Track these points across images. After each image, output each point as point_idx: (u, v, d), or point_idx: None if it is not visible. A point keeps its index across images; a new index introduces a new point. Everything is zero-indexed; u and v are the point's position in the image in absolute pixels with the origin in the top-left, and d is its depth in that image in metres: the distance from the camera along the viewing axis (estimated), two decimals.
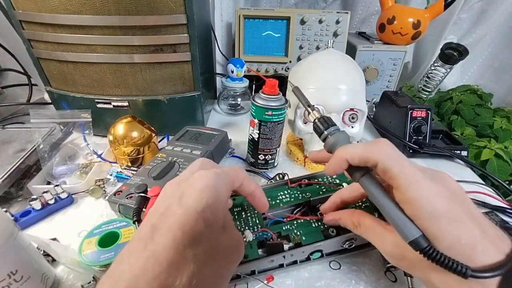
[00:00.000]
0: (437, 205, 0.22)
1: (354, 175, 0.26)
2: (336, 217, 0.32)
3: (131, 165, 0.50)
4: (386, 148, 0.25)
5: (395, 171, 0.23)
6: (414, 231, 0.22)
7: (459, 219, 0.21)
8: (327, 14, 0.72)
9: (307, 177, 0.41)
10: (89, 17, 0.47)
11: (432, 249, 0.21)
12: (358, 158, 0.25)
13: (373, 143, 0.25)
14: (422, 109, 0.56)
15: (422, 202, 0.22)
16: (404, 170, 0.23)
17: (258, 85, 0.78)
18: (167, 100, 0.56)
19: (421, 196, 0.22)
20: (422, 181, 0.23)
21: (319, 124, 0.29)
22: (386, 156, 0.24)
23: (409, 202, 0.22)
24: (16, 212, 0.40)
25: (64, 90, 0.57)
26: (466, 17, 0.86)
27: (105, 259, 0.31)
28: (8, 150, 0.49)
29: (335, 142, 0.28)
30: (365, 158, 0.25)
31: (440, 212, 0.21)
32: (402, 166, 0.23)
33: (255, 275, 0.33)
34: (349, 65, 0.51)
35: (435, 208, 0.22)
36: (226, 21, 0.87)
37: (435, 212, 0.21)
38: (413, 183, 0.23)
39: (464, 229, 0.21)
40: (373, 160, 0.24)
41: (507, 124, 0.74)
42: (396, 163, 0.23)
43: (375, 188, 0.25)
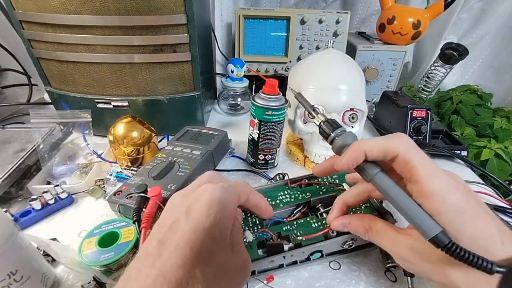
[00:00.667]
0: (457, 198, 0.21)
1: (367, 171, 0.25)
2: (345, 221, 0.30)
3: (131, 165, 0.50)
4: (407, 140, 0.24)
5: (416, 162, 0.23)
6: (434, 227, 0.21)
7: (477, 212, 0.21)
8: (327, 14, 0.72)
9: (307, 177, 0.41)
10: (89, 17, 0.47)
11: (455, 245, 0.20)
12: (378, 150, 0.24)
13: (391, 136, 0.25)
14: (422, 109, 0.56)
15: (444, 194, 0.21)
16: (425, 162, 0.23)
17: (258, 85, 0.78)
18: (167, 100, 0.56)
19: (443, 189, 0.21)
20: (442, 173, 0.22)
21: (325, 127, 0.29)
22: (407, 147, 0.23)
23: (430, 195, 0.22)
24: (16, 212, 0.40)
25: (64, 90, 0.57)
26: (466, 17, 0.86)
27: (105, 259, 0.31)
28: (8, 150, 0.49)
29: (343, 142, 0.27)
30: (384, 150, 0.24)
31: (461, 205, 0.21)
32: (423, 158, 0.23)
33: (255, 275, 0.33)
34: (349, 65, 0.51)
35: (456, 201, 0.21)
36: (226, 21, 0.87)
37: (456, 205, 0.21)
38: (434, 175, 0.22)
39: (483, 223, 0.21)
40: (394, 152, 0.23)
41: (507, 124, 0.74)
42: (417, 155, 0.23)
43: (392, 183, 0.24)
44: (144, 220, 0.31)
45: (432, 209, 0.22)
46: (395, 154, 0.23)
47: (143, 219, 0.31)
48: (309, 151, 0.52)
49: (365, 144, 0.25)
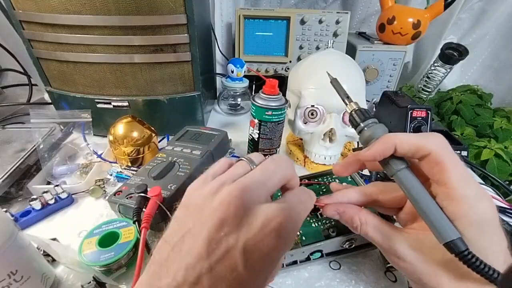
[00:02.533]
0: (484, 208, 0.21)
1: (393, 166, 0.24)
2: (340, 209, 0.29)
3: (131, 165, 0.50)
4: (442, 140, 0.23)
5: (449, 164, 0.22)
6: (452, 232, 0.20)
7: (497, 226, 0.21)
8: (327, 14, 0.72)
9: (307, 177, 0.41)
10: (89, 17, 0.47)
11: (471, 254, 0.20)
12: (409, 145, 0.23)
13: (427, 134, 0.24)
14: (422, 109, 0.56)
15: (472, 201, 0.21)
16: (457, 165, 0.22)
17: (258, 85, 0.78)
18: (167, 100, 0.56)
19: (472, 196, 0.21)
20: (473, 180, 0.22)
21: (355, 116, 0.28)
22: (441, 147, 0.22)
23: (457, 199, 0.21)
24: (16, 212, 0.40)
25: (64, 90, 0.57)
26: (466, 17, 0.86)
27: (105, 259, 0.31)
28: (8, 150, 0.49)
29: (372, 134, 0.26)
30: (417, 146, 0.23)
31: (486, 215, 0.21)
32: (456, 161, 0.22)
33: None
34: (349, 65, 0.51)
35: (482, 210, 0.21)
36: (226, 21, 0.87)
37: (482, 215, 0.21)
38: (465, 180, 0.21)
39: (498, 237, 0.21)
40: (426, 150, 0.22)
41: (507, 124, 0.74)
42: (451, 157, 0.22)
43: (416, 181, 0.23)
44: (144, 220, 0.31)
45: (455, 213, 0.21)
46: (427, 153, 0.22)
47: (143, 219, 0.31)
48: (309, 151, 0.52)
49: (397, 137, 0.23)
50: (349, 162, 0.28)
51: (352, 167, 0.28)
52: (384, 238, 0.26)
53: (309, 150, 0.52)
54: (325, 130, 0.48)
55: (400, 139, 0.23)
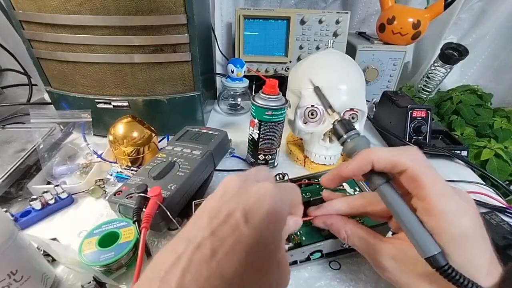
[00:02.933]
0: (465, 223, 0.21)
1: (373, 181, 0.25)
2: (327, 222, 0.30)
3: (131, 165, 0.50)
4: (418, 155, 0.24)
5: (425, 180, 0.22)
6: (433, 247, 0.21)
7: (478, 239, 0.21)
8: (327, 14, 0.72)
9: (307, 177, 0.41)
10: (89, 17, 0.47)
11: (451, 268, 0.20)
12: (386, 162, 0.23)
13: (402, 149, 0.24)
14: (422, 109, 0.56)
15: (451, 217, 0.21)
16: (435, 181, 0.22)
17: (258, 85, 0.78)
18: (167, 100, 0.56)
19: (451, 211, 0.21)
20: (453, 195, 0.22)
21: (339, 127, 0.28)
22: (417, 162, 0.23)
23: (436, 215, 0.21)
24: (16, 212, 0.40)
25: (64, 90, 0.57)
26: (466, 17, 0.86)
27: (105, 259, 0.31)
28: (8, 150, 0.49)
29: (355, 146, 0.26)
30: (393, 162, 0.23)
31: (466, 230, 0.21)
32: (434, 176, 0.22)
33: None
34: (349, 65, 0.51)
35: (462, 225, 0.21)
36: (226, 21, 0.87)
37: (462, 230, 0.21)
38: (445, 196, 0.22)
39: (480, 250, 0.21)
40: (403, 166, 0.23)
41: (507, 124, 0.74)
42: (428, 172, 0.22)
43: (396, 197, 0.24)
44: (144, 220, 0.31)
45: (435, 228, 0.21)
46: (404, 169, 0.23)
47: (143, 219, 0.31)
48: (309, 151, 0.52)
49: (373, 153, 0.24)
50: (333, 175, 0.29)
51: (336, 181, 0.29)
52: (369, 249, 0.27)
53: (309, 150, 0.52)
54: (325, 130, 0.48)
55: (377, 155, 0.24)
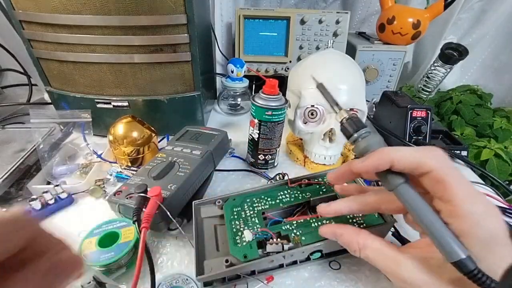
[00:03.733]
0: (492, 224, 0.20)
1: (391, 181, 0.23)
2: (338, 232, 0.28)
3: (131, 165, 0.50)
4: (443, 156, 0.22)
5: (452, 181, 0.21)
6: (460, 250, 0.20)
7: (505, 241, 0.20)
8: (327, 14, 0.72)
9: (307, 177, 0.41)
10: (89, 17, 0.47)
11: (481, 273, 0.19)
12: (408, 162, 0.22)
13: (425, 149, 0.23)
14: (422, 109, 0.56)
15: (479, 219, 0.20)
16: (461, 182, 0.21)
17: (258, 85, 0.78)
18: (167, 100, 0.56)
19: (479, 213, 0.20)
20: (479, 196, 0.21)
21: (347, 126, 0.26)
22: (442, 164, 0.21)
23: (463, 216, 0.20)
24: None
25: (64, 90, 0.57)
26: (466, 17, 0.86)
27: (105, 259, 0.31)
28: (8, 150, 0.49)
29: (368, 146, 0.24)
30: (416, 163, 0.22)
31: (494, 231, 0.20)
32: (459, 177, 0.21)
33: (255, 275, 0.33)
34: (349, 65, 0.51)
35: (490, 227, 0.20)
36: (226, 21, 0.87)
37: (489, 232, 0.20)
38: (471, 197, 0.21)
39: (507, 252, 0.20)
40: (427, 167, 0.21)
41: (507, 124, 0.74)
42: (453, 174, 0.21)
43: (418, 198, 0.22)
44: (144, 220, 0.31)
45: (462, 230, 0.20)
46: (428, 170, 0.21)
47: (143, 219, 0.31)
48: (309, 151, 0.52)
49: (394, 153, 0.22)
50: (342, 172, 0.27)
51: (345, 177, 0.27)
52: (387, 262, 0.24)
53: (309, 150, 0.52)
54: (325, 130, 0.48)
55: (398, 155, 0.22)
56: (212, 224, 0.37)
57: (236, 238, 0.33)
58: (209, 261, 0.32)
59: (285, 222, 0.34)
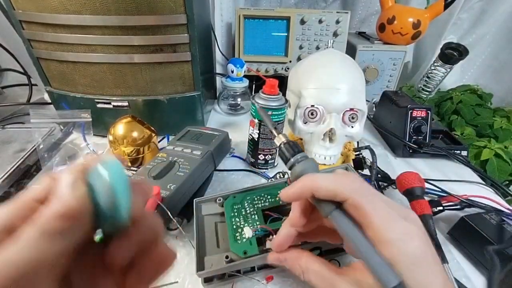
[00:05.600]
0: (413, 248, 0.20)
1: (323, 207, 0.23)
2: (281, 257, 0.28)
3: (131, 165, 0.50)
4: (357, 181, 0.23)
5: (368, 208, 0.21)
6: (392, 277, 0.20)
7: (430, 263, 0.21)
8: (327, 14, 0.72)
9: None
10: (89, 17, 0.47)
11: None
12: (326, 190, 0.22)
13: (343, 176, 0.23)
14: (422, 109, 0.56)
15: (399, 244, 0.20)
16: (377, 208, 0.21)
17: (258, 85, 0.78)
18: (167, 100, 0.56)
19: (398, 238, 0.21)
20: (397, 220, 0.21)
21: (285, 150, 0.27)
22: (357, 190, 0.22)
23: (385, 243, 0.21)
24: None
25: (64, 90, 0.57)
26: (466, 17, 0.86)
27: None
28: (8, 150, 0.49)
29: (303, 170, 0.25)
30: (333, 191, 0.22)
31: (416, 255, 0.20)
32: (375, 203, 0.22)
33: (255, 272, 0.33)
34: (349, 65, 0.51)
35: (411, 251, 0.20)
36: (226, 21, 0.87)
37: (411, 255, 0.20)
38: (389, 222, 0.21)
39: (433, 276, 0.20)
40: (343, 195, 0.22)
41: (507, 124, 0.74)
42: (368, 200, 0.22)
43: (349, 225, 0.22)
44: None
45: (389, 258, 0.20)
46: (344, 198, 0.22)
47: None
48: (309, 151, 0.52)
49: (314, 180, 0.23)
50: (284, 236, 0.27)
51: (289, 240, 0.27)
52: (325, 284, 0.24)
53: (309, 150, 0.52)
54: (325, 130, 0.48)
55: (317, 184, 0.23)
56: (212, 221, 0.37)
57: (236, 234, 0.33)
58: (209, 257, 0.32)
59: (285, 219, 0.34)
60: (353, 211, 0.22)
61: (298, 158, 0.26)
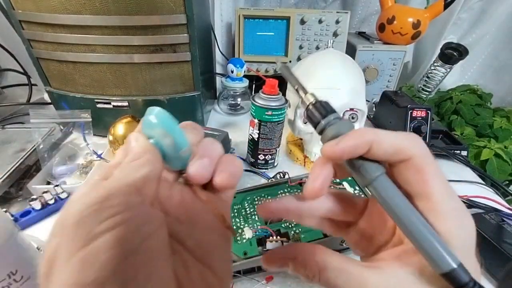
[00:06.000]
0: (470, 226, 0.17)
1: (369, 170, 0.18)
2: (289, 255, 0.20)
3: None
4: (423, 142, 0.18)
5: (432, 173, 0.17)
6: (451, 259, 0.16)
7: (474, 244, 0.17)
8: (327, 14, 0.72)
9: (307, 176, 0.41)
10: (89, 17, 0.47)
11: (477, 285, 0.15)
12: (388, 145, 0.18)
13: (404, 134, 0.19)
14: (422, 109, 0.56)
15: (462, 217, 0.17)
16: (441, 175, 0.18)
17: (258, 85, 0.78)
18: (167, 100, 0.56)
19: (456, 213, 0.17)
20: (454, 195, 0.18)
21: (314, 111, 0.21)
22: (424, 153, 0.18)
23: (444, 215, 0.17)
24: (16, 212, 0.40)
25: (64, 90, 0.57)
26: (466, 17, 0.86)
27: None
28: (8, 150, 0.49)
29: (338, 133, 0.19)
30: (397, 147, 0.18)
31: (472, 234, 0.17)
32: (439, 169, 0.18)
33: (255, 272, 0.33)
34: (349, 65, 0.51)
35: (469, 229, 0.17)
36: (226, 21, 0.87)
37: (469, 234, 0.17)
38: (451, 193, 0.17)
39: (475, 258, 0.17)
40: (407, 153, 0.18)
41: (506, 124, 0.74)
42: (434, 165, 0.18)
43: (398, 193, 0.18)
44: None
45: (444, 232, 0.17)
46: (408, 157, 0.18)
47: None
48: (309, 151, 0.52)
49: (374, 133, 0.18)
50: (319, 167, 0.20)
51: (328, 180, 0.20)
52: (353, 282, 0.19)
53: (309, 150, 0.52)
54: None
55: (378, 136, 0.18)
56: None
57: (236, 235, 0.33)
58: None
59: (285, 220, 0.34)
60: (411, 174, 0.18)
61: (330, 119, 0.20)
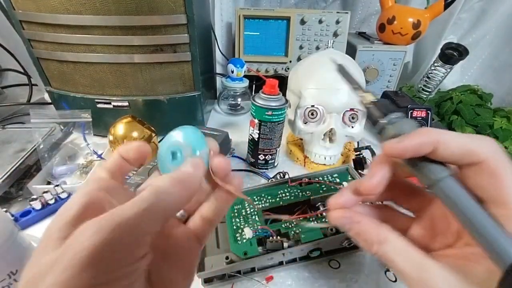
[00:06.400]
0: None
1: (434, 171, 0.18)
2: (355, 219, 0.21)
3: None
4: (496, 144, 0.18)
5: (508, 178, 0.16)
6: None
7: None
8: (327, 14, 0.72)
9: (307, 176, 0.41)
10: (89, 17, 0.47)
11: None
12: (457, 147, 0.17)
13: (476, 136, 0.18)
14: (422, 109, 0.56)
15: None
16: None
17: (258, 85, 0.78)
18: (167, 100, 0.56)
19: None
20: None
21: (374, 111, 0.22)
22: (497, 154, 0.17)
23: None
24: (16, 212, 0.40)
25: (64, 90, 0.57)
26: (466, 17, 0.86)
27: None
28: (8, 150, 0.49)
29: (399, 132, 0.19)
30: (467, 149, 0.17)
31: None
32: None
33: (255, 272, 0.33)
34: (349, 65, 0.51)
35: None
36: (226, 21, 0.87)
37: None
38: None
39: None
40: (479, 156, 0.17)
41: (507, 124, 0.74)
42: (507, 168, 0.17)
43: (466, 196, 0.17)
44: None
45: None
46: (479, 160, 0.17)
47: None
48: (309, 151, 0.52)
49: (440, 134, 0.17)
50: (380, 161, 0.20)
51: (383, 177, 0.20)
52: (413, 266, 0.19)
53: (309, 150, 0.52)
54: (325, 130, 0.48)
55: (445, 137, 0.17)
56: None
57: (236, 235, 0.33)
58: (209, 257, 0.32)
59: (285, 220, 0.34)
60: (484, 178, 0.17)
61: (391, 118, 0.20)
